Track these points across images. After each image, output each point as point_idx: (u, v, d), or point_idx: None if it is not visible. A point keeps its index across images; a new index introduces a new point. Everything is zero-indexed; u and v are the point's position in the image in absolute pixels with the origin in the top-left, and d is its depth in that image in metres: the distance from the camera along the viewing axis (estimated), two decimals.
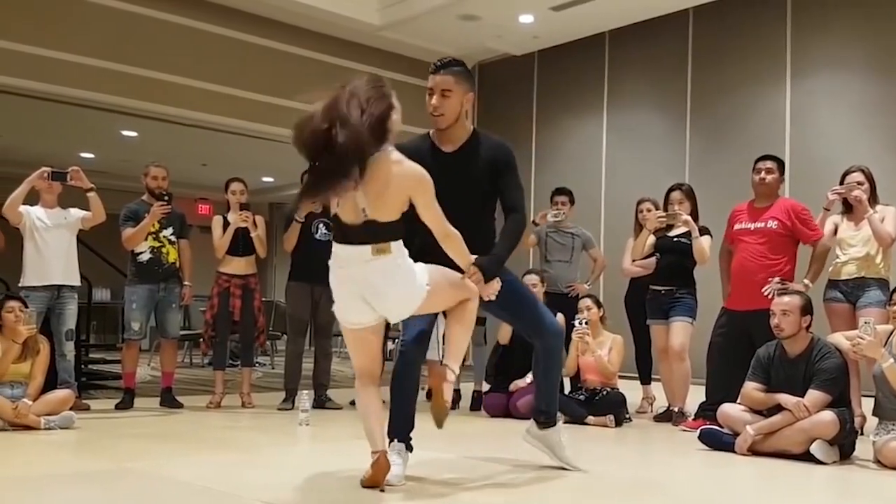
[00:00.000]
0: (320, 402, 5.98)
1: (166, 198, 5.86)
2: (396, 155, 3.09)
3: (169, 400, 5.93)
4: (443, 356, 3.34)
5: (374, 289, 3.09)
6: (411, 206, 3.14)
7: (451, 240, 3.19)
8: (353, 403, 6.23)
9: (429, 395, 6.65)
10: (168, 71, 8.60)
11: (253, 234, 6.02)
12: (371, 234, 3.06)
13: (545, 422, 3.73)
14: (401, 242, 3.13)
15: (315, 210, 6.05)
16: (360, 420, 3.31)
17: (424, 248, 3.24)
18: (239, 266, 6.05)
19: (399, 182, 3.06)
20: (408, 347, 3.47)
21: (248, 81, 9.15)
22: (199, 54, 8.86)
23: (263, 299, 6.55)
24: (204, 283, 6.40)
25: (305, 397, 5.24)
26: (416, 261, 3.20)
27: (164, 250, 5.94)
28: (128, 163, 11.27)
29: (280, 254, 11.49)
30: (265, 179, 14.15)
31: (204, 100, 8.91)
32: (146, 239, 5.86)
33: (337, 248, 3.14)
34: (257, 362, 9.48)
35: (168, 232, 5.97)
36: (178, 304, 6.05)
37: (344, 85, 3.05)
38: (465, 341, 3.40)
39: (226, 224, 6.05)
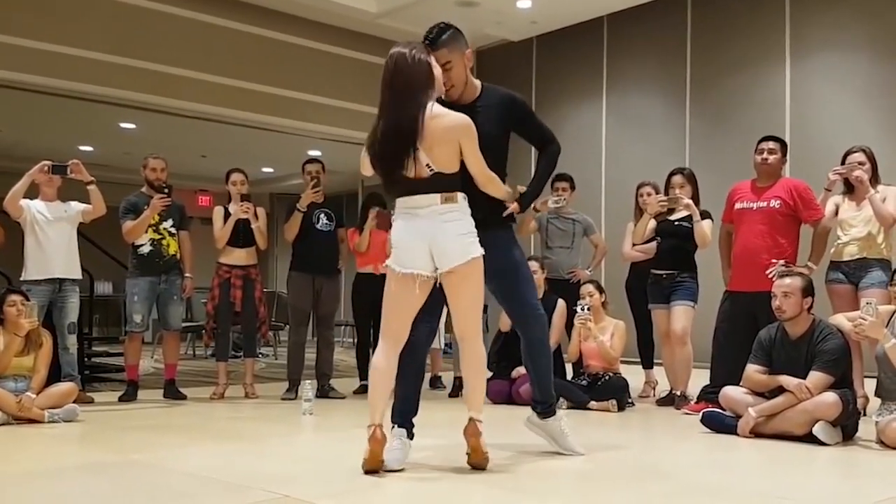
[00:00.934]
0: (323, 392, 6.00)
1: (166, 190, 5.86)
2: (437, 108, 3.31)
3: (172, 392, 5.95)
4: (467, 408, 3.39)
5: (441, 239, 3.26)
6: None
7: (492, 182, 3.47)
8: (356, 392, 6.27)
9: (432, 384, 6.70)
10: (166, 62, 8.57)
11: (254, 226, 6.02)
12: (438, 184, 3.29)
13: (544, 411, 3.78)
14: (465, 197, 3.34)
15: (317, 200, 6.06)
16: (363, 409, 3.32)
17: None
18: (240, 257, 6.05)
19: (448, 132, 3.29)
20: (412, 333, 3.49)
21: (246, 72, 9.12)
22: (196, 45, 8.82)
23: (265, 290, 6.56)
24: (205, 275, 6.41)
25: (308, 387, 5.25)
26: None
27: (164, 242, 5.94)
28: (127, 155, 11.25)
29: (281, 244, 11.50)
30: (265, 170, 14.13)
31: (202, 91, 8.88)
32: (146, 231, 5.86)
33: (405, 199, 3.34)
34: (260, 353, 9.50)
35: (168, 224, 5.97)
36: (180, 296, 6.05)
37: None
38: (481, 387, 3.45)
39: (227, 215, 6.05)
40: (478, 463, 3.35)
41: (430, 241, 3.28)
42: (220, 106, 9.13)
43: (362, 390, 6.24)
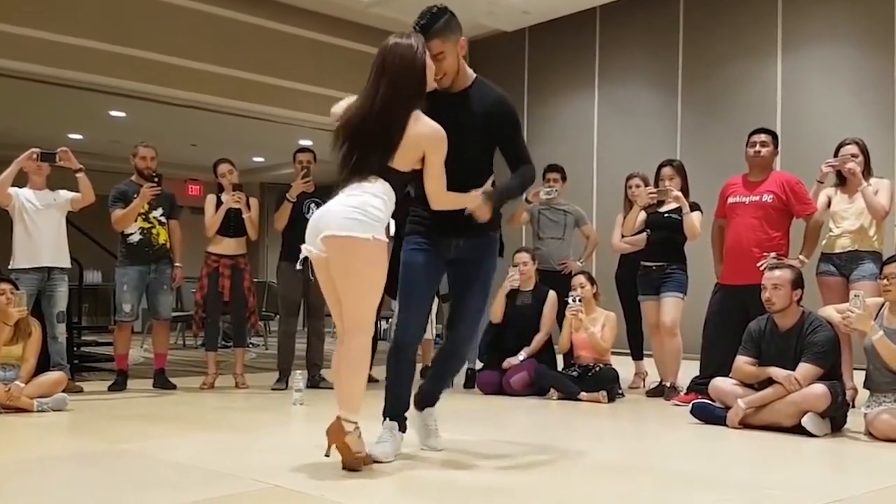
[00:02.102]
0: (314, 382, 5.98)
1: (156, 178, 5.82)
2: (416, 112, 3.17)
3: (162, 381, 5.93)
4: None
5: (327, 208, 3.10)
6: None
7: (449, 202, 3.26)
8: None
9: (423, 375, 6.69)
10: (156, 50, 8.52)
11: (245, 216, 5.99)
12: (381, 173, 3.13)
13: (428, 405, 3.60)
14: (387, 189, 3.13)
15: (307, 190, 6.03)
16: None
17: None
18: (229, 247, 6.02)
19: (417, 139, 3.14)
20: (401, 332, 3.46)
21: (236, 60, 9.08)
22: (187, 34, 8.77)
23: (256, 280, 6.53)
24: (195, 265, 6.38)
25: (299, 377, 5.24)
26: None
27: (153, 231, 5.91)
28: (117, 143, 11.19)
29: (272, 234, 11.47)
30: (255, 159, 14.08)
31: (193, 79, 8.84)
32: (136, 220, 5.83)
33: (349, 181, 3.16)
34: (251, 343, 9.47)
35: (158, 213, 5.94)
36: (170, 286, 6.03)
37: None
38: (356, 385, 3.15)
39: (219, 203, 6.02)
40: (349, 464, 3.09)
41: (321, 214, 3.12)
42: (211, 95, 9.09)
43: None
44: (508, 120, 3.50)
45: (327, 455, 3.10)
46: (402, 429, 3.48)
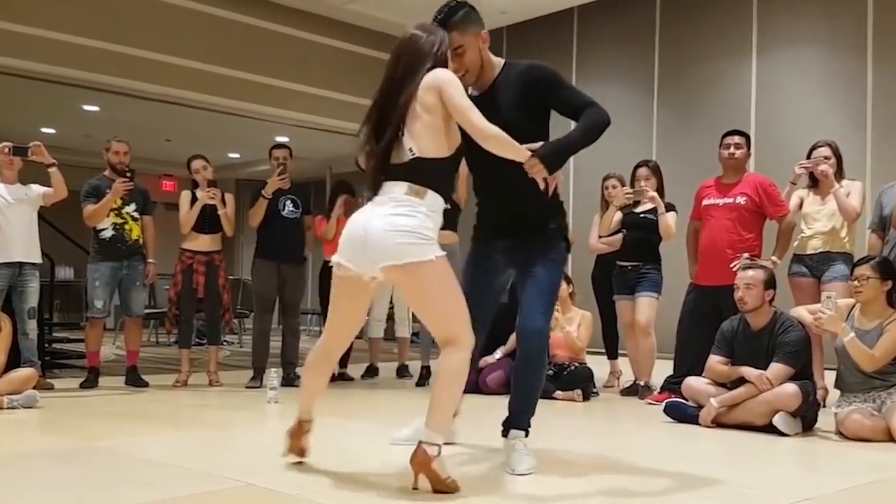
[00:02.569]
0: (289, 380, 5.95)
1: (128, 174, 5.77)
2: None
3: (134, 379, 5.88)
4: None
5: (375, 231, 2.85)
6: None
7: (495, 140, 2.90)
8: None
9: (399, 373, 6.68)
10: (130, 44, 8.43)
11: (221, 212, 5.95)
12: (415, 171, 2.88)
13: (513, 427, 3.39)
14: (438, 202, 2.92)
15: (283, 187, 6.00)
16: (328, 398, 3.31)
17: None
18: (203, 243, 5.98)
19: (424, 88, 2.89)
20: None
21: (211, 55, 9.00)
22: (163, 28, 8.69)
23: (231, 277, 6.48)
24: (169, 261, 6.33)
25: (274, 375, 5.21)
26: None
27: (126, 227, 5.86)
28: (89, 138, 11.06)
29: (247, 231, 11.41)
30: (231, 155, 13.98)
31: (167, 74, 8.76)
32: (108, 215, 5.77)
33: (382, 187, 2.95)
34: (225, 341, 9.42)
35: (131, 208, 5.89)
36: (143, 282, 5.98)
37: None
38: (449, 404, 2.93)
39: (194, 200, 5.97)
40: (440, 489, 2.86)
41: (366, 233, 2.87)
42: (186, 90, 9.01)
43: (330, 380, 6.20)
44: (538, 84, 3.24)
45: (415, 488, 2.86)
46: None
